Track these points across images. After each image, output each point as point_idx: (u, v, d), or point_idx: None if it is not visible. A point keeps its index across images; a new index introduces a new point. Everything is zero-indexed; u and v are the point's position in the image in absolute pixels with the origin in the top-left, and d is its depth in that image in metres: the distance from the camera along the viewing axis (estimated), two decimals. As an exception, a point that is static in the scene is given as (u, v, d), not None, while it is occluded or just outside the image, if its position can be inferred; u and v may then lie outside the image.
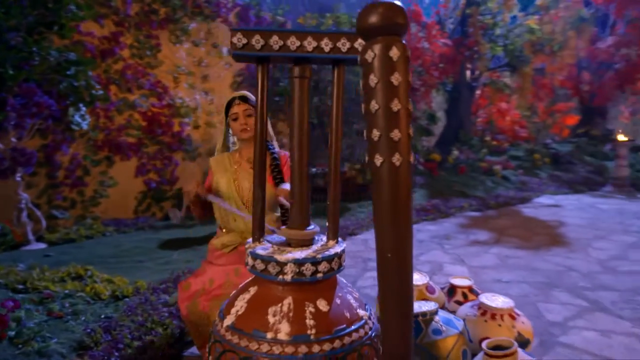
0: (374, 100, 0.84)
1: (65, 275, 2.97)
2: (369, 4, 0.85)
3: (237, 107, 1.95)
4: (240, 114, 1.95)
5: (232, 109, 1.96)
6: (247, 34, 1.02)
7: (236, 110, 1.95)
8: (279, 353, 0.97)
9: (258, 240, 1.16)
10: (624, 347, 2.15)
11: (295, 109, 1.13)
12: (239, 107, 1.95)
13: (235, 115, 1.95)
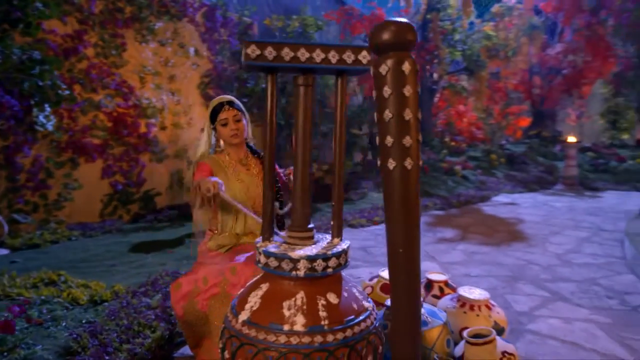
0: (387, 109, 0.93)
1: (37, 281, 2.89)
2: (382, 22, 0.94)
3: (226, 113, 1.99)
4: (230, 120, 1.99)
5: (221, 115, 1.99)
6: (260, 45, 1.08)
7: (226, 115, 1.99)
8: (297, 343, 1.04)
9: (268, 240, 1.22)
10: (584, 332, 2.35)
11: (299, 115, 1.20)
12: (228, 113, 1.99)
13: (225, 120, 1.99)
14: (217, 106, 2.02)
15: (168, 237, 4.64)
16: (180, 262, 3.72)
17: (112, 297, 2.74)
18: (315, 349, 1.04)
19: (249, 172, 2.08)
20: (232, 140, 2.02)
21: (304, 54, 1.09)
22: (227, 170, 2.05)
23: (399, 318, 0.99)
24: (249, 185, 2.04)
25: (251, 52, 1.08)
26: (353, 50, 1.12)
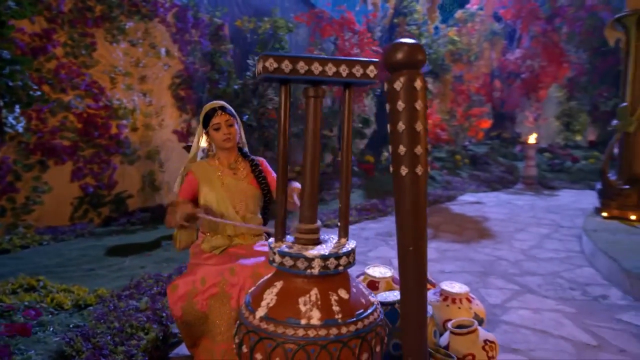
0: (400, 122, 1.03)
1: (16, 287, 2.83)
2: (395, 43, 1.04)
3: (219, 118, 2.04)
4: (222, 124, 2.04)
5: (214, 119, 2.05)
6: (277, 59, 1.16)
7: (218, 120, 2.04)
8: (314, 336, 1.13)
9: (281, 240, 1.30)
10: (552, 321, 2.55)
11: (309, 124, 1.29)
12: (220, 118, 2.04)
13: (218, 125, 2.04)
14: (209, 111, 2.07)
15: (144, 239, 4.60)
16: (160, 265, 3.71)
17: (96, 301, 2.73)
18: (331, 340, 1.13)
19: (236, 176, 2.13)
20: (225, 144, 2.07)
21: (318, 68, 1.18)
22: (212, 176, 2.10)
23: (408, 309, 1.10)
24: (232, 190, 2.09)
25: (269, 65, 1.16)
26: (362, 64, 1.21)
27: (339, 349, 1.13)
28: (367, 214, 5.93)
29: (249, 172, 2.17)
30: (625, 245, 3.71)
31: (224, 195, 2.08)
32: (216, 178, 2.10)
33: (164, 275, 3.23)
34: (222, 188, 2.08)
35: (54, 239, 4.50)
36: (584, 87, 14.37)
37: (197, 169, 2.13)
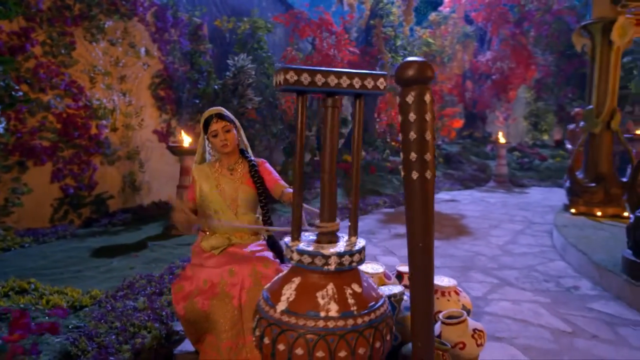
0: (412, 131, 1.15)
1: (7, 290, 2.82)
2: (406, 61, 1.16)
3: (215, 125, 2.11)
4: (219, 131, 2.12)
5: (212, 127, 2.11)
6: (297, 72, 1.26)
7: (215, 127, 2.11)
8: (333, 327, 1.23)
9: (298, 239, 1.40)
10: (531, 311, 2.74)
11: (327, 131, 1.40)
12: (217, 125, 2.11)
13: (215, 132, 2.11)
14: (207, 118, 2.14)
15: (128, 240, 4.59)
16: (149, 265, 3.73)
17: (91, 302, 2.75)
18: (348, 330, 1.24)
19: (232, 177, 2.20)
20: (223, 150, 2.15)
21: (333, 80, 1.28)
22: (209, 178, 2.18)
23: (418, 298, 1.22)
24: (227, 191, 2.17)
25: (290, 77, 1.25)
26: (373, 77, 1.32)
27: (355, 338, 1.24)
28: (349, 212, 6.06)
29: (245, 172, 2.25)
30: (594, 240, 3.97)
31: (218, 195, 2.15)
32: (213, 179, 2.17)
33: (155, 276, 3.26)
34: (216, 189, 2.15)
35: (36, 240, 4.44)
36: (550, 88, 14.96)
37: (197, 172, 2.20)
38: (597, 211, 5.20)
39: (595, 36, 5.24)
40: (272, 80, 8.34)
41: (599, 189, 5.24)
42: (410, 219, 1.20)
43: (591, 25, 5.24)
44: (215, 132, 2.11)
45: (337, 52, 9.24)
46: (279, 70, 1.30)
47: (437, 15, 12.44)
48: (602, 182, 5.25)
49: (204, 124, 2.17)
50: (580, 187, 5.35)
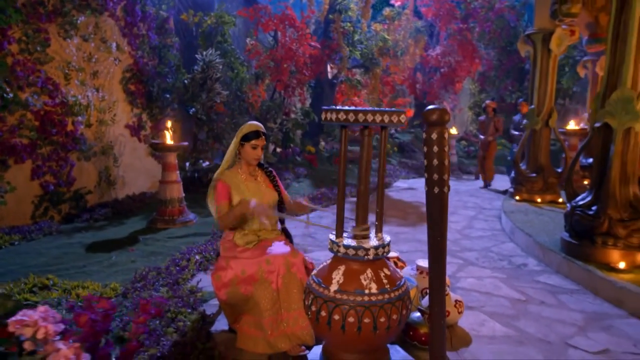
0: (435, 159, 1.60)
1: (30, 286, 3.02)
2: (431, 108, 1.60)
3: (259, 141, 2.47)
4: (259, 147, 2.49)
5: (256, 141, 2.46)
6: (338, 112, 1.67)
7: (258, 143, 2.47)
8: (375, 300, 1.68)
9: (341, 236, 1.83)
10: (492, 285, 3.34)
11: (364, 153, 1.83)
12: (260, 141, 2.48)
13: (256, 145, 2.47)
14: (252, 133, 2.47)
15: (117, 235, 4.78)
16: (148, 259, 3.99)
17: (114, 294, 3.03)
18: (385, 302, 1.69)
19: (256, 182, 2.60)
20: (254, 161, 2.52)
21: (363, 117, 1.71)
22: (240, 184, 2.54)
23: (436, 280, 1.69)
24: (255, 192, 2.55)
25: (340, 117, 1.66)
26: (397, 114, 1.76)
27: (389, 308, 1.70)
28: (320, 202, 6.53)
29: (265, 178, 2.63)
30: (536, 224, 4.68)
31: (250, 197, 2.51)
32: (242, 184, 2.53)
33: (162, 268, 3.55)
34: (247, 192, 2.52)
35: (24, 238, 4.53)
36: (492, 81, 16.08)
37: (227, 178, 2.53)
38: (537, 198, 6.00)
39: (537, 44, 5.96)
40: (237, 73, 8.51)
41: (538, 178, 6.03)
42: (432, 219, 1.66)
43: (533, 35, 5.95)
44: (255, 145, 2.47)
45: (298, 46, 9.56)
46: (327, 110, 1.70)
47: (391, 11, 13.00)
48: (541, 172, 6.04)
49: (245, 135, 2.49)
50: (523, 177, 6.12)
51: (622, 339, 2.50)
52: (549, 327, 2.65)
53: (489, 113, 8.25)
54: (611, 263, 3.23)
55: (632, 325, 2.68)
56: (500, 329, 2.61)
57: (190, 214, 5.50)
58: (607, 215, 3.28)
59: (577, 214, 3.47)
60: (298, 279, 2.26)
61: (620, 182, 3.28)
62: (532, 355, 2.32)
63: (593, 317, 2.78)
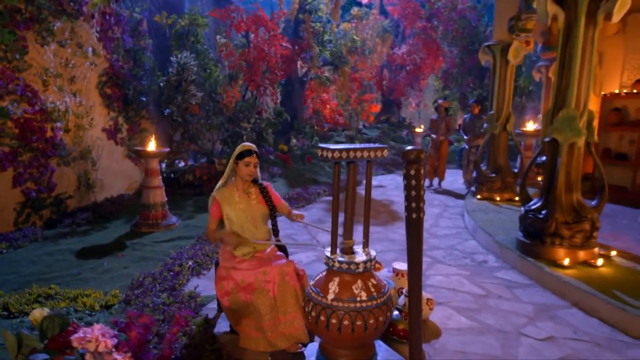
0: (413, 190, 1.96)
1: (35, 297, 3.21)
2: (409, 149, 1.95)
3: (252, 158, 2.76)
4: (252, 164, 2.77)
5: (249, 159, 2.75)
6: (339, 151, 2.00)
7: (251, 160, 2.76)
8: (365, 306, 2.03)
9: (334, 252, 2.17)
10: (457, 282, 3.77)
11: (349, 182, 2.16)
12: (252, 159, 2.77)
13: (249, 162, 2.76)
14: (246, 152, 2.76)
15: (103, 240, 4.94)
16: (139, 264, 4.21)
17: (116, 301, 3.26)
18: (373, 307, 2.05)
19: (249, 199, 2.89)
20: (247, 178, 2.81)
21: (353, 154, 2.05)
22: (231, 201, 2.82)
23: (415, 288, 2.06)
24: (247, 210, 2.84)
25: (335, 155, 1.99)
26: (380, 149, 2.11)
27: (377, 312, 2.06)
28: (296, 203, 6.85)
29: (258, 194, 2.93)
30: (495, 222, 5.19)
31: (242, 214, 2.82)
32: (235, 202, 2.82)
33: (156, 273, 3.79)
34: (240, 210, 2.81)
35: (10, 246, 4.64)
36: (455, 78, 16.72)
37: (220, 196, 2.81)
38: (496, 196, 6.54)
39: (496, 55, 6.45)
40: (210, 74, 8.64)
41: (497, 178, 6.57)
42: (410, 239, 2.02)
43: (493, 46, 6.44)
44: (248, 163, 2.75)
45: (270, 47, 9.77)
46: (324, 149, 2.03)
47: (359, 10, 13.35)
48: (500, 173, 6.58)
49: (239, 154, 2.77)
50: (484, 177, 6.65)
51: (565, 326, 2.98)
52: (505, 318, 3.10)
53: (441, 112, 8.39)
54: (557, 260, 3.74)
55: (573, 314, 3.17)
56: (465, 322, 3.03)
57: (172, 217, 5.71)
58: (554, 218, 3.77)
59: (530, 217, 3.96)
60: (291, 286, 2.60)
61: (565, 190, 3.78)
62: (491, 343, 2.75)
63: (542, 308, 3.26)
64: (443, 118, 8.33)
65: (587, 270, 3.61)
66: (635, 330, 2.84)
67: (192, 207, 6.64)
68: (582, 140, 3.71)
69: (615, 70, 8.26)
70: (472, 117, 8.10)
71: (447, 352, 2.64)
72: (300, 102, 13.48)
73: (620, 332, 2.90)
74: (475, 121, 8.02)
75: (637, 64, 8.00)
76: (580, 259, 3.74)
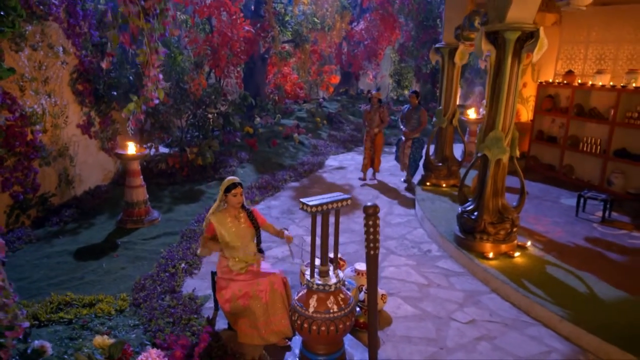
0: (371, 235, 2.71)
1: (55, 305, 3.78)
2: (369, 205, 2.68)
3: (237, 190, 3.39)
4: (238, 194, 3.42)
5: (235, 190, 3.38)
6: (318, 206, 2.70)
7: (237, 192, 3.39)
8: (336, 315, 2.82)
9: (313, 276, 2.91)
10: (405, 272, 4.65)
11: (323, 225, 2.87)
12: (238, 190, 3.40)
13: (236, 194, 3.40)
14: (231, 185, 3.39)
15: (94, 240, 5.45)
16: (134, 264, 4.79)
17: (127, 305, 3.89)
18: (342, 316, 2.83)
19: (239, 222, 3.55)
20: (237, 205, 3.47)
21: (331, 206, 2.75)
22: (225, 224, 3.48)
23: (372, 296, 2.84)
24: (238, 232, 3.51)
25: (315, 209, 2.68)
26: (345, 200, 2.81)
27: (345, 319, 2.85)
28: (266, 192, 7.49)
29: (246, 218, 3.59)
30: (440, 213, 6.10)
31: (234, 235, 3.48)
32: (228, 226, 3.47)
33: (153, 275, 4.41)
34: (232, 231, 3.48)
35: (9, 249, 5.08)
36: (410, 51, 17.39)
37: (215, 220, 3.45)
38: (442, 183, 7.47)
39: (445, 56, 7.17)
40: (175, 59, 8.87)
41: (444, 167, 7.47)
42: (369, 269, 2.79)
43: (442, 48, 7.14)
44: (235, 194, 3.39)
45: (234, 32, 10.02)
46: (304, 204, 2.72)
47: (318, -13, 13.55)
48: (446, 162, 7.48)
49: (227, 187, 3.40)
50: (432, 166, 7.53)
51: (484, 310, 3.92)
52: (441, 305, 4.00)
53: (374, 104, 8.06)
54: (484, 253, 4.67)
55: (492, 299, 4.12)
56: (410, 310, 3.91)
57: (154, 212, 6.25)
58: (482, 219, 4.67)
59: (464, 217, 4.85)
60: (279, 293, 3.34)
61: (492, 195, 4.66)
62: (429, 327, 3.64)
63: (469, 295, 4.19)
64: (377, 109, 8.06)
65: (506, 260, 4.57)
66: (535, 312, 3.82)
67: (169, 198, 7.15)
68: (506, 157, 4.57)
69: (551, 59, 9.18)
70: (411, 109, 8.02)
71: (395, 337, 3.51)
72: (262, 79, 13.79)
73: (524, 313, 3.87)
74: (413, 113, 7.97)
75: (569, 54, 8.95)
76: (502, 251, 4.70)
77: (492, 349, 3.36)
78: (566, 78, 8.51)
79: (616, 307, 3.73)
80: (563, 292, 3.97)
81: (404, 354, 3.28)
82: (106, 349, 2.40)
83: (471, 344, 3.41)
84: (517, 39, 4.25)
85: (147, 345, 3.12)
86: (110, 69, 7.69)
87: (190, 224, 5.94)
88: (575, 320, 3.52)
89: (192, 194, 7.33)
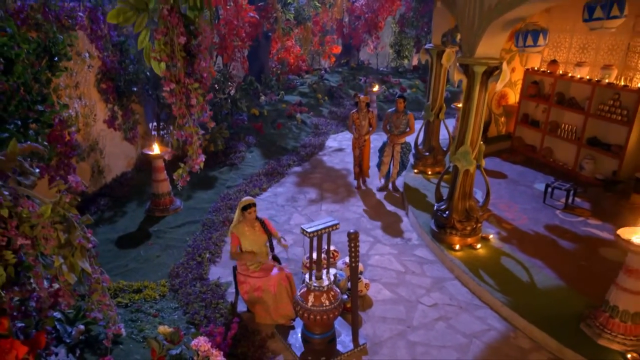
0: (353, 253, 3.72)
1: (114, 291, 4.87)
2: (352, 232, 3.66)
3: (253, 209, 4.38)
4: (253, 212, 4.40)
5: (251, 209, 4.36)
6: (317, 232, 3.68)
7: (252, 210, 4.38)
8: (329, 308, 3.88)
9: (311, 280, 3.95)
10: (387, 260, 5.70)
11: (319, 247, 3.88)
12: (253, 209, 4.38)
13: (251, 211, 4.39)
14: (247, 205, 4.37)
15: (130, 228, 6.48)
16: (166, 252, 5.84)
17: (167, 291, 4.97)
18: (333, 308, 3.89)
19: (255, 231, 4.55)
20: (253, 221, 4.46)
21: (321, 232, 3.73)
22: (244, 234, 4.49)
23: (354, 287, 3.89)
24: (254, 239, 4.52)
25: (314, 233, 3.67)
26: (335, 225, 3.79)
27: (336, 310, 3.92)
28: (272, 178, 8.44)
29: (260, 227, 4.60)
30: (422, 203, 7.08)
31: (252, 242, 4.50)
32: (246, 235, 4.48)
33: (184, 262, 5.47)
34: (250, 239, 4.49)
35: (61, 238, 6.14)
36: (410, 22, 17.73)
37: (237, 231, 4.47)
38: (429, 170, 8.41)
39: (433, 57, 7.89)
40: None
41: (430, 156, 8.39)
42: (352, 275, 3.82)
43: (431, 49, 7.85)
44: (251, 211, 4.38)
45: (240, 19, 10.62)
46: (304, 230, 3.70)
47: (320, -36, 13.84)
48: (432, 152, 8.39)
49: (244, 206, 4.38)
50: (421, 155, 8.44)
51: (446, 295, 4.99)
52: (412, 290, 5.07)
53: (362, 108, 7.55)
54: (452, 245, 5.70)
55: (454, 286, 5.18)
56: (388, 295, 4.99)
57: (177, 201, 7.27)
58: (452, 217, 5.66)
59: (438, 215, 5.85)
60: (285, 287, 4.40)
61: (460, 198, 5.63)
62: (400, 310, 4.72)
63: (437, 282, 5.26)
64: (365, 115, 7.59)
65: (470, 252, 5.61)
66: (484, 297, 4.89)
67: (187, 185, 8.13)
68: (473, 168, 5.49)
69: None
70: (397, 113, 7.63)
71: (374, 317, 4.60)
72: (266, 56, 14.39)
73: (477, 298, 4.94)
74: (401, 118, 7.60)
75: (556, 42, 9.58)
76: (468, 243, 5.72)
77: (446, 327, 4.46)
78: (550, 67, 9.21)
79: (549, 295, 4.80)
80: (509, 280, 5.03)
81: (378, 331, 4.38)
82: (168, 336, 3.47)
83: (431, 324, 4.51)
84: (484, 71, 5.06)
85: (190, 328, 4.23)
86: (127, 65, 8.45)
87: (208, 212, 6.96)
88: (512, 305, 4.60)
89: (207, 180, 8.30)
